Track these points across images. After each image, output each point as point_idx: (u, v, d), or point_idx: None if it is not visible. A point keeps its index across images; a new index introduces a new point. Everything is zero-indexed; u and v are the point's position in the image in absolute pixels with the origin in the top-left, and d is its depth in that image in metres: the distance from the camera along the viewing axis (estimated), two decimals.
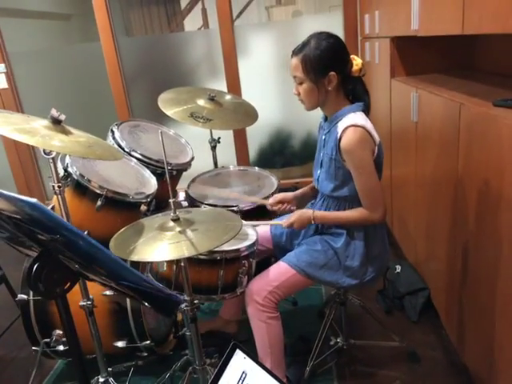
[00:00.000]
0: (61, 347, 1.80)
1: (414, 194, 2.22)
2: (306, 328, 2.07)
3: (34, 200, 0.64)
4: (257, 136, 3.82)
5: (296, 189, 3.87)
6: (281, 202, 1.80)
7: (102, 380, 1.57)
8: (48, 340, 1.78)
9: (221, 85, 3.64)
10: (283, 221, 1.64)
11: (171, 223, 1.29)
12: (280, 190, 2.11)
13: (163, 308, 0.80)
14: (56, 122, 1.31)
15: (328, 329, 1.86)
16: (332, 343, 1.90)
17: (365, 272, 1.59)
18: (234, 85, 3.65)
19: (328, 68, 1.47)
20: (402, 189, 2.51)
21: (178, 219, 1.29)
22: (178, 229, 1.27)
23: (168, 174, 1.27)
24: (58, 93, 3.81)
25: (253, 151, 3.88)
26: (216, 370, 1.04)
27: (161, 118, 2.10)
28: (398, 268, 2.28)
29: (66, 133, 1.30)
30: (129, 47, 3.70)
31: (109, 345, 1.79)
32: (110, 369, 1.60)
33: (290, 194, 1.81)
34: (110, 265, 0.78)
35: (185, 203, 1.34)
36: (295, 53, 1.51)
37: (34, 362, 1.88)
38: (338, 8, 3.52)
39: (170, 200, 1.27)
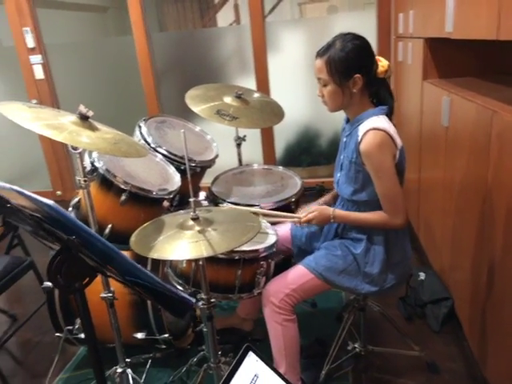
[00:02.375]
0: (82, 335, 1.86)
1: (442, 199, 2.16)
2: (324, 331, 2.06)
3: (50, 202, 0.66)
4: (284, 134, 3.81)
5: (321, 188, 3.82)
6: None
7: (119, 370, 1.61)
8: (71, 327, 1.84)
9: (250, 82, 3.64)
10: (302, 215, 1.61)
11: (191, 222, 1.30)
12: (304, 189, 2.10)
13: (175, 309, 0.82)
14: (84, 118, 1.34)
15: (346, 333, 1.84)
16: (349, 348, 1.89)
17: (385, 279, 1.57)
18: (263, 82, 3.65)
19: (353, 70, 1.45)
20: (429, 193, 2.45)
21: (198, 218, 1.30)
22: (198, 228, 1.28)
23: (189, 173, 1.28)
24: (91, 85, 3.90)
25: (279, 149, 3.87)
26: (228, 370, 1.05)
27: (189, 114, 2.11)
28: (422, 275, 2.23)
29: (93, 129, 1.33)
30: (161, 42, 3.75)
31: (129, 336, 1.83)
32: (128, 360, 1.63)
33: (313, 206, 1.78)
34: (125, 266, 0.80)
35: (205, 202, 1.34)
36: (320, 54, 1.49)
37: (57, 348, 1.94)
38: (373, 6, 3.44)
39: (191, 199, 1.28)
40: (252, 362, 1.11)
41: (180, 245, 1.24)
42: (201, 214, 1.36)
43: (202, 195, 1.35)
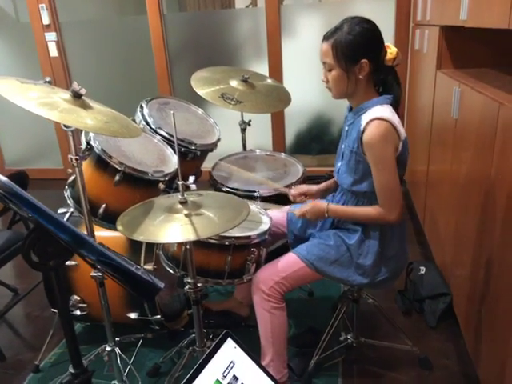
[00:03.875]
0: (78, 312, 1.89)
1: (448, 194, 2.11)
2: (318, 320, 2.05)
3: (4, 178, 0.65)
4: (295, 120, 3.75)
5: (330, 176, 3.79)
6: (304, 194, 1.76)
7: (108, 349, 1.62)
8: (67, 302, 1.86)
9: (263, 66, 3.59)
10: (297, 209, 1.60)
11: (179, 205, 1.29)
12: (313, 177, 2.08)
13: (143, 293, 0.81)
14: (77, 95, 1.33)
15: (340, 324, 1.83)
16: (341, 339, 1.87)
17: (377, 272, 1.54)
18: (276, 66, 3.59)
19: (360, 55, 1.40)
20: (436, 187, 2.40)
21: (186, 202, 1.29)
22: (185, 212, 1.27)
23: (178, 154, 1.28)
24: (104, 64, 3.89)
25: (290, 135, 3.82)
26: (203, 356, 1.04)
27: (200, 97, 2.08)
28: (423, 269, 2.19)
29: (86, 107, 1.32)
30: (175, 22, 3.71)
31: (122, 315, 1.85)
32: (117, 339, 1.65)
33: (313, 188, 1.76)
34: (89, 246, 0.79)
35: (193, 186, 1.33)
36: (326, 37, 1.44)
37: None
38: None
39: (179, 182, 1.27)
40: (230, 349, 1.10)
41: (166, 228, 1.23)
42: (190, 197, 1.35)
43: (191, 179, 1.33)
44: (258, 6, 3.85)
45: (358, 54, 1.40)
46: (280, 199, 1.90)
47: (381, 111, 1.41)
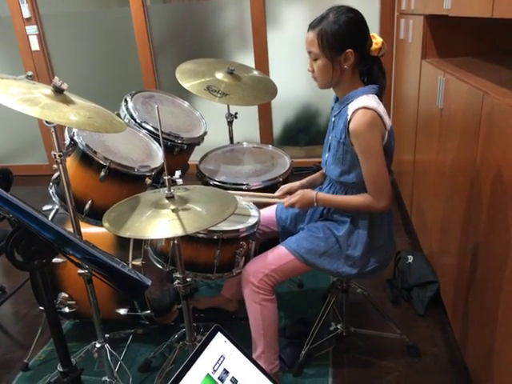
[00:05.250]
0: (66, 309, 1.87)
1: (434, 183, 2.13)
2: (309, 311, 2.06)
3: None
4: (282, 112, 3.74)
5: (318, 167, 3.80)
6: (288, 193, 1.74)
7: (98, 345, 1.61)
8: (54, 301, 1.84)
9: (249, 57, 3.56)
10: (285, 199, 1.60)
11: (166, 200, 1.28)
12: (301, 169, 2.07)
13: (131, 290, 0.80)
14: (58, 91, 1.30)
15: (330, 314, 1.84)
16: (331, 329, 1.89)
17: (366, 262, 1.55)
18: (262, 57, 3.57)
19: (345, 44, 1.40)
20: (423, 176, 2.41)
21: (173, 197, 1.28)
22: (172, 207, 1.26)
23: (163, 148, 1.26)
24: (88, 57, 3.83)
25: (278, 127, 3.81)
26: (194, 350, 1.04)
27: (186, 90, 2.05)
28: (410, 258, 2.21)
29: (68, 102, 1.30)
30: (159, 14, 3.65)
31: (111, 311, 1.84)
32: (107, 335, 1.64)
33: (296, 184, 1.74)
34: (74, 244, 0.78)
35: (180, 181, 1.32)
36: (312, 26, 1.44)
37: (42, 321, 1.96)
38: None
39: (165, 177, 1.26)
40: (220, 343, 1.10)
41: (153, 223, 1.22)
42: (177, 192, 1.34)
43: (178, 173, 1.32)
44: None
45: (343, 43, 1.40)
46: (268, 192, 1.89)
47: (366, 100, 1.41)
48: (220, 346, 1.09)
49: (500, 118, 1.31)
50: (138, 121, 1.88)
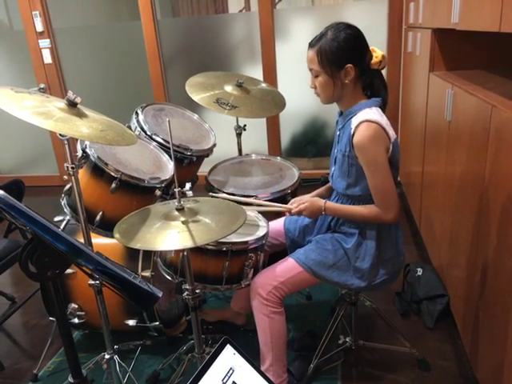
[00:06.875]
0: (76, 320, 1.88)
1: (443, 195, 2.12)
2: (317, 324, 2.05)
3: (0, 192, 0.65)
4: (290, 124, 3.76)
5: (326, 179, 3.82)
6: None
7: (107, 356, 1.62)
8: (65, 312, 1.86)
9: (257, 70, 3.60)
10: (293, 205, 1.60)
11: (176, 212, 1.29)
12: (309, 180, 2.08)
13: (142, 302, 0.81)
14: (72, 104, 1.33)
15: (339, 327, 1.84)
16: (340, 342, 1.88)
17: (375, 275, 1.55)
18: (270, 70, 3.60)
19: (345, 60, 1.42)
20: (431, 188, 2.41)
21: (183, 209, 1.29)
22: (182, 219, 1.27)
23: (174, 161, 1.27)
24: (99, 70, 3.89)
25: (285, 139, 3.84)
26: (203, 363, 1.04)
27: (196, 102, 2.08)
28: (420, 271, 2.20)
29: (81, 115, 1.32)
30: (169, 28, 3.71)
31: (120, 322, 1.85)
32: (116, 346, 1.64)
33: (305, 197, 1.76)
34: (86, 256, 0.80)
35: (190, 193, 1.33)
36: (311, 45, 1.47)
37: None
38: None
39: (176, 189, 1.28)
40: (229, 355, 1.10)
41: (163, 235, 1.23)
42: (187, 204, 1.35)
43: (188, 186, 1.34)
44: (251, 10, 3.86)
45: (342, 59, 1.42)
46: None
47: (369, 114, 1.43)
48: (229, 358, 1.10)
49: (509, 132, 1.31)
50: (148, 133, 1.91)
